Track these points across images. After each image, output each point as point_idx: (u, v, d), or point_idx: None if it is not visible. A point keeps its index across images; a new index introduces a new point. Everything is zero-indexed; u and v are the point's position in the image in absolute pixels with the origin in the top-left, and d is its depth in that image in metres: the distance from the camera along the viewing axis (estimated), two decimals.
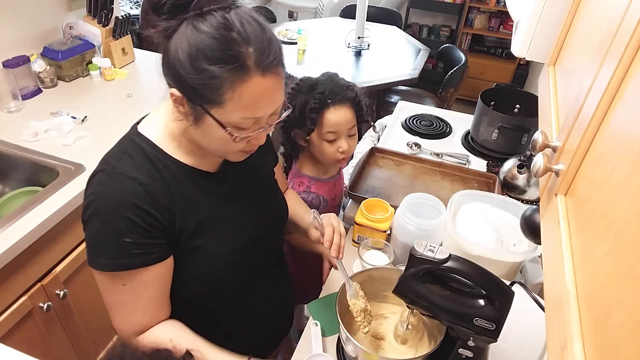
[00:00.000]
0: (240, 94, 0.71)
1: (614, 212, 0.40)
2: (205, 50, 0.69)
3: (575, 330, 0.40)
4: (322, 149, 1.25)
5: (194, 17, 0.70)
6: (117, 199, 0.77)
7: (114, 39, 2.08)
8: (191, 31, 0.69)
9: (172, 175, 0.82)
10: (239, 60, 0.69)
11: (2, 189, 1.57)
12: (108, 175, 0.79)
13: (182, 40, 0.70)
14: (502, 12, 3.86)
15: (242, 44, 0.69)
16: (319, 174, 1.34)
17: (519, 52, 0.99)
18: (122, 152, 0.81)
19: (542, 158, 0.58)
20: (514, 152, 1.65)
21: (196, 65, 0.69)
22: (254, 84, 0.71)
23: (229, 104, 0.72)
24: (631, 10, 0.46)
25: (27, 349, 0.85)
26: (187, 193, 0.84)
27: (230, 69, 0.69)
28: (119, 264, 0.78)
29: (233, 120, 0.74)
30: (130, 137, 0.83)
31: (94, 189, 0.80)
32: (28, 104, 1.81)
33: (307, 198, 1.30)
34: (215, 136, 0.77)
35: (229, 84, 0.70)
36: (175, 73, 0.72)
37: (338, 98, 1.20)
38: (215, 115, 0.73)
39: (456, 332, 0.88)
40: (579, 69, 0.65)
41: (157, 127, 0.84)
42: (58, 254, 1.41)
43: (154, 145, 0.82)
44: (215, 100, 0.72)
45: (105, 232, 0.78)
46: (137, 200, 0.77)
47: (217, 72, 0.69)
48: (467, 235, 1.19)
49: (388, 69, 2.77)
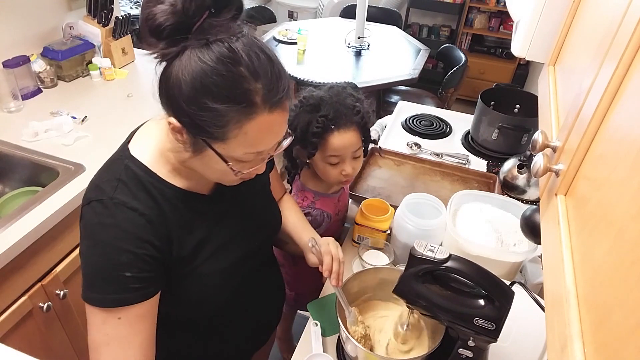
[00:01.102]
0: (246, 131, 0.68)
1: (614, 212, 0.40)
2: (210, 86, 0.64)
3: (575, 330, 0.40)
4: (325, 171, 1.19)
5: (198, 47, 0.65)
6: (120, 232, 0.74)
7: (114, 39, 2.08)
8: (195, 63, 0.64)
9: (167, 201, 0.78)
10: (247, 98, 0.66)
11: (2, 189, 1.57)
12: (106, 207, 0.75)
13: (185, 72, 0.65)
14: (502, 12, 3.86)
15: (251, 80, 0.66)
16: (323, 189, 1.29)
17: (519, 52, 0.98)
18: (116, 180, 0.76)
19: (542, 158, 0.58)
20: (514, 152, 1.65)
21: (200, 101, 0.65)
22: (260, 121, 0.68)
23: (232, 140, 0.69)
24: (631, 10, 0.46)
25: (27, 349, 0.85)
26: (183, 218, 0.81)
27: (237, 107, 0.66)
28: (118, 299, 0.74)
29: (236, 155, 0.72)
30: (122, 161, 0.79)
31: (91, 220, 0.75)
32: (28, 104, 1.81)
33: (311, 213, 1.26)
34: (216, 167, 0.74)
35: (235, 122, 0.67)
36: (175, 104, 0.68)
37: (342, 122, 1.11)
38: (218, 150, 0.71)
39: (456, 332, 0.88)
40: (579, 69, 0.65)
41: (150, 149, 0.79)
42: (58, 254, 1.41)
43: (148, 171, 0.78)
44: (218, 137, 0.68)
45: (105, 266, 0.74)
46: (140, 232, 0.74)
47: (223, 110, 0.65)
48: (467, 235, 1.19)
49: (388, 69, 2.77)
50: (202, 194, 0.85)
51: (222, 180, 0.80)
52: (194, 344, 0.97)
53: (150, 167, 0.78)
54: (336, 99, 1.14)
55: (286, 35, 3.05)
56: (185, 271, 0.83)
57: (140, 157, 0.79)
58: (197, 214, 0.83)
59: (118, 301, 0.75)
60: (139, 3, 3.69)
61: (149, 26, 0.65)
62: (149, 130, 0.83)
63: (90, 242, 0.75)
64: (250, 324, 1.06)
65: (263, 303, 1.08)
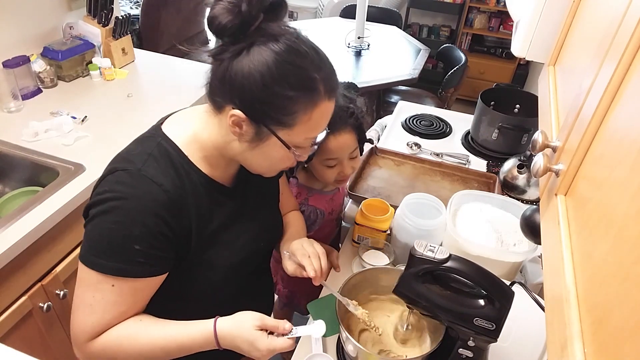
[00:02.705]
0: (311, 117, 0.75)
1: (614, 212, 0.40)
2: (286, 74, 0.71)
3: (575, 330, 0.40)
4: (322, 173, 1.20)
5: (266, 42, 0.71)
6: (141, 203, 0.74)
7: (114, 39, 2.08)
8: (268, 56, 0.70)
9: (193, 185, 0.80)
10: (315, 86, 0.73)
11: (2, 189, 1.57)
12: (132, 177, 0.76)
13: (259, 64, 0.70)
14: (502, 12, 3.86)
15: (316, 70, 0.73)
16: (318, 186, 1.29)
17: (519, 52, 0.99)
18: (147, 154, 0.78)
19: (542, 158, 0.58)
20: (514, 152, 1.65)
21: (275, 89, 0.71)
22: (322, 108, 0.75)
23: (298, 126, 0.75)
24: (631, 10, 0.46)
25: (27, 349, 0.85)
26: (203, 204, 0.83)
27: (308, 94, 0.73)
28: (118, 269, 0.75)
29: (297, 141, 0.78)
30: (155, 139, 0.81)
31: (113, 187, 0.76)
32: (28, 104, 1.81)
33: (305, 211, 1.26)
34: (274, 155, 0.79)
35: (304, 108, 0.73)
36: (244, 94, 0.72)
37: (337, 126, 1.11)
38: (282, 137, 0.76)
39: (456, 332, 0.88)
40: (579, 69, 0.65)
41: (185, 133, 0.82)
42: (58, 254, 1.41)
43: (180, 152, 0.80)
44: (287, 123, 0.74)
45: (116, 234, 0.74)
46: (160, 209, 0.75)
47: (295, 97, 0.72)
48: (467, 235, 1.19)
49: (388, 69, 2.77)
50: (224, 185, 0.87)
51: (272, 169, 0.85)
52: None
53: (183, 149, 0.81)
54: None
55: None
56: (196, 261, 0.84)
57: (174, 138, 0.81)
58: (216, 204, 0.86)
59: (118, 271, 0.75)
60: (139, 3, 3.69)
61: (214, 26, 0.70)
62: (185, 116, 0.86)
63: (106, 207, 0.75)
64: None
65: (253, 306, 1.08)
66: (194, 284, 0.88)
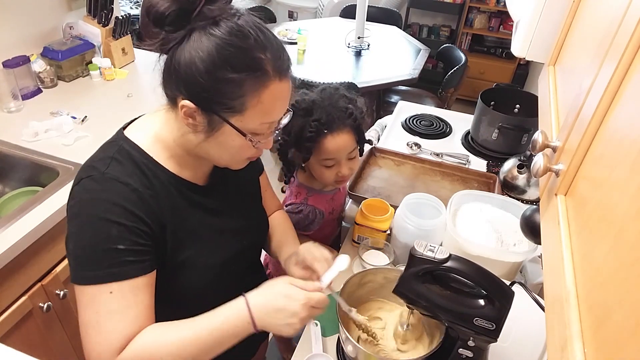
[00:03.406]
0: (262, 99, 0.72)
1: (614, 212, 0.40)
2: (228, 57, 0.68)
3: (575, 330, 0.40)
4: (320, 173, 1.19)
5: (205, 26, 0.69)
6: (109, 203, 0.73)
7: (114, 39, 2.08)
8: (208, 40, 0.68)
9: (161, 184, 0.79)
10: (261, 66, 0.70)
11: (2, 189, 1.57)
12: (96, 181, 0.74)
13: (200, 50, 0.68)
14: (502, 12, 3.86)
15: (261, 51, 0.70)
16: (318, 186, 1.29)
17: (519, 52, 0.99)
18: (109, 158, 0.76)
19: (542, 158, 0.58)
20: (514, 152, 1.65)
21: (219, 74, 0.69)
22: (273, 89, 0.72)
23: (249, 111, 0.72)
24: (631, 10, 0.46)
25: (27, 349, 0.85)
26: (176, 204, 0.81)
27: (253, 76, 0.70)
28: (111, 274, 0.72)
29: (252, 127, 0.75)
30: (117, 142, 0.79)
31: (79, 197, 0.75)
32: (28, 104, 1.81)
33: (304, 211, 1.25)
34: (232, 144, 0.76)
35: (252, 90, 0.71)
36: (191, 83, 0.70)
37: (335, 125, 1.11)
38: (235, 124, 0.73)
39: (456, 332, 0.88)
40: (579, 69, 0.65)
41: (147, 135, 0.80)
42: (58, 254, 1.41)
43: (143, 153, 0.78)
44: (236, 108, 0.72)
45: (95, 240, 0.72)
46: (130, 206, 0.73)
47: (241, 80, 0.69)
48: (467, 235, 1.19)
49: (388, 69, 2.77)
50: (196, 184, 0.85)
51: (233, 161, 0.82)
52: None
53: (147, 150, 0.79)
54: (328, 101, 1.14)
55: (286, 35, 3.05)
56: (177, 261, 0.82)
57: (136, 140, 0.80)
58: (190, 204, 0.84)
59: (111, 275, 0.72)
60: (138, 3, 3.69)
61: (151, 15, 0.68)
62: (146, 120, 0.84)
63: (80, 220, 0.74)
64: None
65: None
66: (179, 286, 0.85)
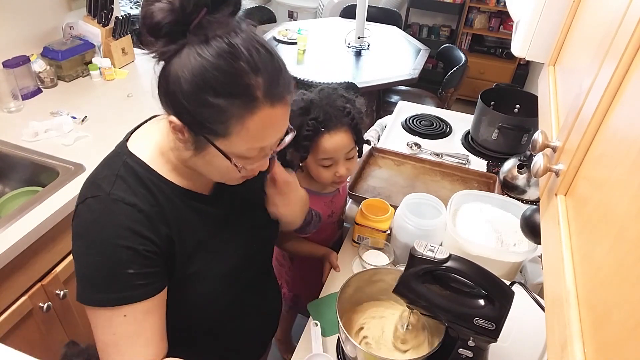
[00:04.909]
0: (248, 126, 0.68)
1: (614, 212, 0.40)
2: (211, 82, 0.64)
3: (575, 330, 0.40)
4: (318, 173, 1.18)
5: (197, 44, 0.64)
6: (117, 228, 0.72)
7: (114, 39, 2.08)
8: (195, 60, 0.64)
9: (167, 198, 0.77)
10: (248, 92, 0.65)
11: (2, 189, 1.57)
12: (102, 203, 0.73)
13: (185, 69, 0.64)
14: (502, 12, 3.86)
15: (251, 75, 0.65)
16: (316, 188, 1.27)
17: (519, 52, 0.99)
18: (114, 176, 0.75)
19: (542, 158, 0.58)
20: (514, 152, 1.65)
21: (201, 98, 0.65)
22: (262, 116, 0.67)
23: (235, 136, 0.69)
24: (631, 11, 0.46)
25: (27, 349, 0.85)
26: (183, 217, 0.79)
27: (239, 102, 0.66)
28: (122, 298, 0.72)
29: (238, 151, 0.71)
30: (121, 157, 0.77)
31: (87, 218, 0.74)
32: (28, 104, 1.81)
33: None
34: (219, 165, 0.74)
35: (237, 117, 0.66)
36: (176, 102, 0.67)
37: (333, 124, 1.10)
38: (220, 147, 0.70)
39: (456, 332, 0.88)
40: (579, 69, 0.65)
41: (149, 147, 0.79)
42: (58, 254, 1.41)
43: (147, 167, 0.77)
44: (220, 133, 0.68)
45: (105, 265, 0.71)
46: (138, 228, 0.72)
47: (224, 105, 0.65)
48: (467, 235, 1.19)
49: (388, 69, 2.77)
50: (202, 194, 0.84)
51: (225, 178, 0.79)
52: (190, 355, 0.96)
53: (150, 164, 0.77)
54: (326, 101, 1.13)
55: (286, 35, 3.05)
56: (187, 273, 0.81)
57: (140, 154, 0.78)
58: (197, 214, 0.82)
59: (123, 299, 0.72)
60: (138, 3, 3.69)
61: (147, 24, 0.65)
62: (148, 130, 0.83)
63: (86, 241, 0.73)
64: (248, 336, 1.05)
65: (260, 315, 1.07)
66: (190, 295, 0.84)
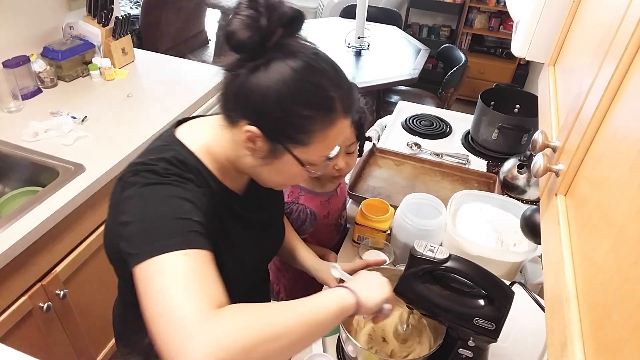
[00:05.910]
0: (327, 136, 0.74)
1: (614, 212, 0.40)
2: (302, 94, 0.70)
3: (575, 330, 0.40)
4: None
5: (284, 59, 0.69)
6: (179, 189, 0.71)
7: (114, 39, 2.08)
8: (287, 73, 0.69)
9: (213, 193, 0.79)
10: (332, 105, 0.72)
11: (2, 189, 1.57)
12: (159, 174, 0.71)
13: (277, 81, 0.68)
14: (502, 12, 3.86)
15: (334, 89, 0.72)
16: (313, 186, 1.25)
17: (519, 52, 0.99)
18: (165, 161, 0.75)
19: (542, 158, 0.58)
20: (514, 152, 1.65)
21: (293, 108, 0.70)
22: (339, 126, 0.74)
23: (314, 145, 0.74)
24: (631, 11, 0.46)
25: (27, 349, 0.85)
26: (218, 211, 0.81)
27: (325, 113, 0.72)
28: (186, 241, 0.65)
29: (312, 159, 0.77)
30: (171, 146, 0.78)
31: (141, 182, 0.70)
32: (28, 104, 1.81)
33: (294, 209, 1.22)
34: (288, 172, 0.78)
35: (321, 127, 0.72)
36: (260, 111, 0.71)
37: None
38: (298, 155, 0.75)
39: (456, 332, 0.88)
40: (579, 69, 0.65)
41: (199, 144, 0.80)
42: (58, 254, 1.41)
43: (198, 160, 0.78)
44: (303, 141, 0.73)
45: (168, 213, 0.67)
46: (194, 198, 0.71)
47: (312, 116, 0.71)
48: (467, 235, 1.19)
49: (388, 69, 2.77)
50: (237, 194, 0.87)
51: (282, 184, 0.86)
52: None
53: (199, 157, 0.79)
54: None
55: None
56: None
57: (190, 146, 0.79)
58: (228, 211, 0.85)
59: (188, 243, 0.65)
60: (138, 3, 3.69)
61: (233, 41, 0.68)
62: (198, 126, 0.83)
63: (145, 199, 0.69)
64: None
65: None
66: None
